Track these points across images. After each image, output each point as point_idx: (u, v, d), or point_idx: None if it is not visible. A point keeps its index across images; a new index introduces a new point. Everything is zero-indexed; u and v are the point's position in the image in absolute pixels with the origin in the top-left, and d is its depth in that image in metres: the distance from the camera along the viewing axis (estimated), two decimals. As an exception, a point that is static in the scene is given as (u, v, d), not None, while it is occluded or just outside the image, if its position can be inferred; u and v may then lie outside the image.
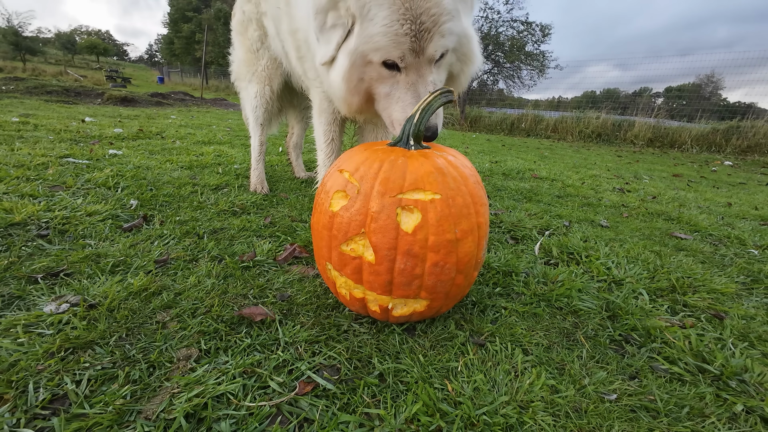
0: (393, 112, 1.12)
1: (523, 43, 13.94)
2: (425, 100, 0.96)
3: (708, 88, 24.62)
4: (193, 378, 0.78)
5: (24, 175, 1.92)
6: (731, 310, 1.24)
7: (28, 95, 7.91)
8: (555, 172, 3.98)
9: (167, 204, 1.80)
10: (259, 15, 1.97)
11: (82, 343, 0.84)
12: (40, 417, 0.68)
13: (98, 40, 56.94)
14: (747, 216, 2.64)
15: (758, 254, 1.83)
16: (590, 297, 1.25)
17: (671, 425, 0.77)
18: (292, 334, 0.95)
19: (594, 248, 1.68)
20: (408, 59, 1.03)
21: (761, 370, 0.95)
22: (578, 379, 0.88)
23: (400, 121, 1.09)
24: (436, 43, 1.02)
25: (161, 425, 0.68)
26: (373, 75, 1.09)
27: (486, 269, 1.39)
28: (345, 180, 0.95)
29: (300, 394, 0.77)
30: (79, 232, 1.38)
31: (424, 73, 1.07)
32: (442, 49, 1.04)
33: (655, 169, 5.28)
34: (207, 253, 1.35)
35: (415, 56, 1.03)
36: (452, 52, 1.11)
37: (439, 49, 1.03)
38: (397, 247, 0.87)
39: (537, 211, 2.27)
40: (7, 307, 0.94)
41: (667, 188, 3.64)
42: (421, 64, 1.05)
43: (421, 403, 0.77)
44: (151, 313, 0.98)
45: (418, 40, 1.00)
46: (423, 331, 1.02)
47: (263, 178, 2.24)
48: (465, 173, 0.96)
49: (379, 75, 1.09)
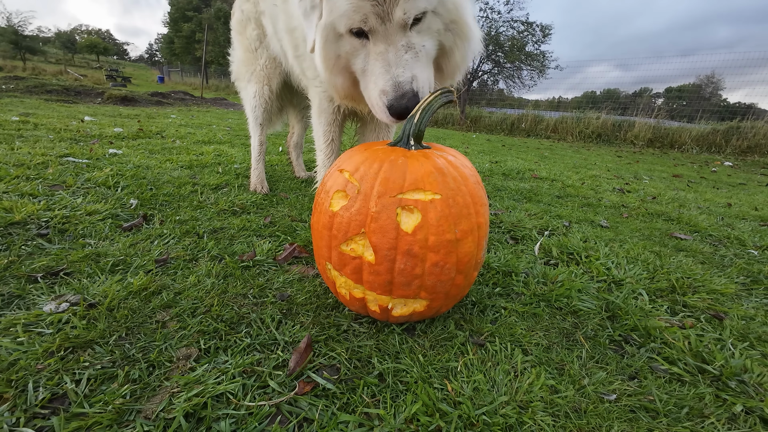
0: (369, 90, 1.05)
1: (524, 44, 13.94)
2: (426, 100, 0.96)
3: (708, 88, 24.63)
4: (193, 377, 0.78)
5: (24, 174, 1.92)
6: (731, 311, 1.24)
7: (28, 94, 7.91)
8: (555, 172, 3.98)
9: (167, 203, 1.80)
10: (257, 14, 1.97)
11: (81, 343, 0.84)
12: (40, 416, 0.68)
13: (98, 39, 57.00)
14: (747, 216, 2.64)
15: (758, 255, 1.83)
16: (590, 297, 1.25)
17: (671, 425, 0.77)
18: (292, 334, 0.95)
19: (594, 248, 1.68)
20: (373, 23, 0.96)
21: (761, 370, 0.95)
22: (578, 379, 0.88)
23: (376, 99, 1.02)
24: (403, 4, 0.93)
25: (161, 425, 0.68)
26: (347, 48, 1.04)
27: (486, 269, 1.39)
28: (345, 180, 0.95)
29: (300, 393, 0.77)
30: (78, 231, 1.38)
31: (395, 40, 0.98)
32: (414, 11, 0.95)
33: (655, 169, 5.28)
34: (207, 252, 1.35)
35: (381, 22, 0.96)
36: (435, 16, 1.02)
37: (411, 11, 0.95)
38: (397, 247, 0.87)
39: (537, 212, 2.27)
40: (7, 306, 0.94)
41: (667, 189, 3.64)
42: (390, 31, 0.97)
43: (420, 403, 0.77)
44: (150, 313, 0.98)
45: (380, 4, 0.93)
46: (423, 331, 1.02)
47: (263, 178, 2.24)
48: (465, 173, 0.96)
49: (352, 47, 1.03)
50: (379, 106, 1.02)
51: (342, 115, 1.59)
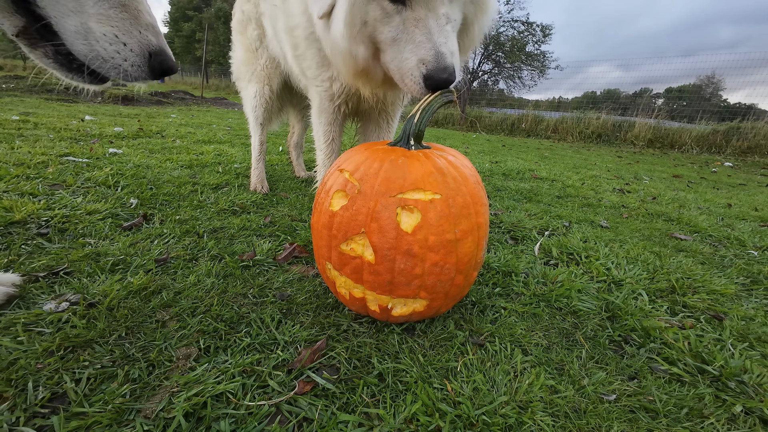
0: (400, 60, 0.98)
1: (524, 44, 13.94)
2: (426, 100, 0.96)
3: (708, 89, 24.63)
4: (193, 377, 0.78)
5: (24, 173, 1.92)
6: (731, 311, 1.24)
7: (29, 93, 7.91)
8: (555, 172, 3.98)
9: (167, 203, 1.80)
10: (258, 14, 1.97)
11: (81, 342, 0.84)
12: (40, 415, 0.68)
13: (99, 38, 56.77)
14: (747, 217, 2.64)
15: (758, 255, 1.83)
16: (590, 297, 1.25)
17: (670, 426, 0.77)
18: (292, 334, 0.95)
19: (594, 249, 1.68)
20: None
21: (760, 371, 0.95)
22: (577, 379, 0.88)
23: (411, 68, 0.95)
24: None
25: (160, 424, 0.68)
26: (377, 14, 0.98)
27: (486, 269, 1.39)
28: (345, 180, 0.95)
29: (299, 393, 0.77)
30: (78, 230, 1.38)
31: (436, 7, 0.92)
32: None
33: (655, 169, 5.28)
34: (207, 252, 1.35)
35: None
36: None
37: None
38: (397, 247, 0.87)
39: (537, 212, 2.27)
40: (7, 305, 0.94)
41: (667, 189, 3.64)
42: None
43: (420, 402, 0.77)
44: (150, 312, 0.98)
45: None
46: (422, 331, 1.02)
47: (263, 178, 2.24)
48: (465, 173, 0.96)
49: (384, 12, 0.96)
50: (414, 77, 0.96)
51: (342, 114, 1.59)
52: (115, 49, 0.68)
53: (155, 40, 0.71)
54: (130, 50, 0.69)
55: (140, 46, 0.69)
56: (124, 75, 0.69)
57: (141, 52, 0.70)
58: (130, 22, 0.69)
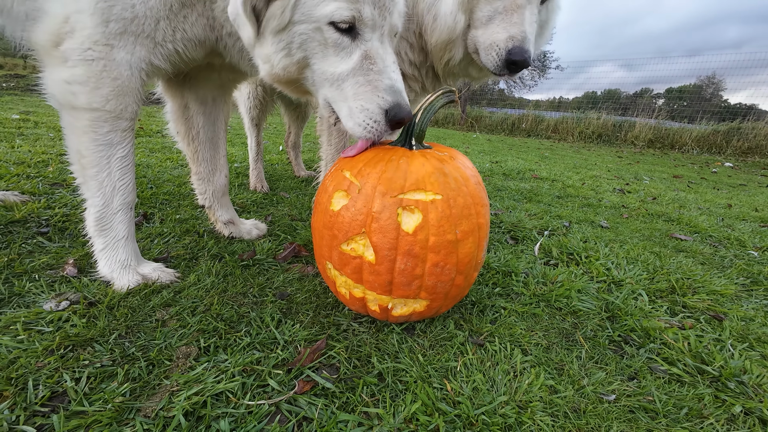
0: (489, 34, 1.12)
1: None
2: (427, 100, 0.97)
3: (709, 89, 24.61)
4: (193, 376, 0.78)
5: (24, 172, 1.92)
6: (730, 312, 1.24)
7: (29, 93, 7.90)
8: (555, 172, 3.98)
9: (167, 202, 1.80)
10: None
11: (81, 341, 0.85)
12: (40, 414, 0.68)
13: (99, 37, 56.71)
14: (747, 218, 2.64)
15: (758, 256, 1.83)
16: (590, 297, 1.25)
17: (670, 426, 0.78)
18: (292, 333, 0.95)
19: (594, 249, 1.68)
20: None
21: (760, 371, 0.95)
22: (577, 379, 0.88)
23: (498, 41, 1.09)
24: None
25: (160, 423, 0.68)
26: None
27: (486, 269, 1.39)
28: (346, 179, 0.95)
29: (299, 392, 0.77)
30: (79, 229, 1.38)
31: (533, 0, 1.08)
32: None
33: (655, 170, 5.28)
34: (207, 251, 1.35)
35: None
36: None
37: None
38: (398, 247, 0.87)
39: (537, 212, 2.27)
40: (7, 305, 0.95)
41: (668, 189, 3.64)
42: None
43: (420, 402, 0.77)
44: (150, 311, 0.98)
45: None
46: (422, 331, 1.02)
47: (262, 177, 2.25)
48: (466, 174, 0.96)
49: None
50: (498, 49, 1.10)
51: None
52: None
53: (390, 98, 0.89)
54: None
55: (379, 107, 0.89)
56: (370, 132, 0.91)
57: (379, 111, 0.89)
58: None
